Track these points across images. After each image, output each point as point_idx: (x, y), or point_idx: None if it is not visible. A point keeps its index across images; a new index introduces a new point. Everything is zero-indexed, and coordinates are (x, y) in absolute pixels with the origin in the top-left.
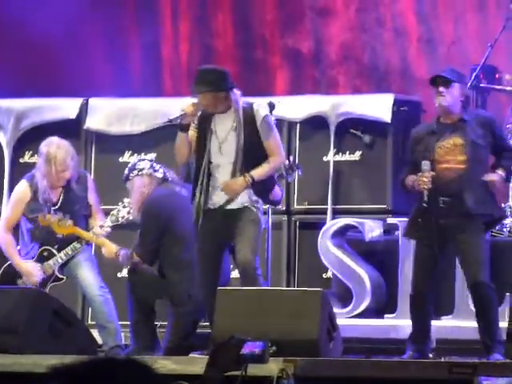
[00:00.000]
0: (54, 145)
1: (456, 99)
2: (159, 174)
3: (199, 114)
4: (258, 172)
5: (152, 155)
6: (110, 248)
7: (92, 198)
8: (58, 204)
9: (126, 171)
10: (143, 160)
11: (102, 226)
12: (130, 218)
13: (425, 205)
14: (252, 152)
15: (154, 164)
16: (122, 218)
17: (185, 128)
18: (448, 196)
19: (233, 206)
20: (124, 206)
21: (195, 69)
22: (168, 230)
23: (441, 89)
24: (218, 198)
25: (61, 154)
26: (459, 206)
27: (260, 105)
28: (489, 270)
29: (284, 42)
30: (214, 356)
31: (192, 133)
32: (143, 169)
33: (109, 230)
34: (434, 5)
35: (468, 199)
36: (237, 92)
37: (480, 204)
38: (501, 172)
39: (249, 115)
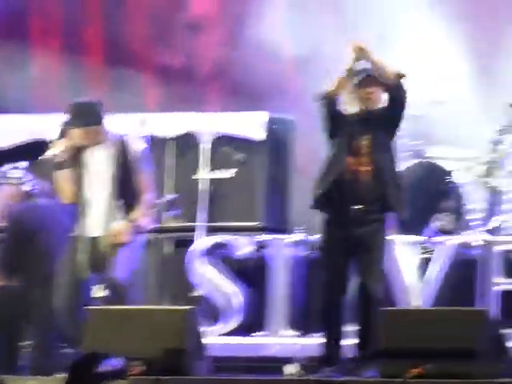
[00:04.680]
0: None
1: None
2: (27, 187)
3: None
4: (136, 217)
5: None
6: None
7: None
8: None
9: None
10: (16, 168)
11: None
12: None
13: None
14: (124, 185)
15: (26, 175)
16: None
17: (61, 165)
18: None
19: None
20: None
21: (64, 85)
22: (30, 245)
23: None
24: (92, 227)
25: None
26: None
27: (134, 138)
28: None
29: (155, 58)
30: (73, 373)
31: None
32: (14, 178)
33: None
34: (306, 22)
35: None
36: (109, 123)
37: None
38: None
39: (122, 148)
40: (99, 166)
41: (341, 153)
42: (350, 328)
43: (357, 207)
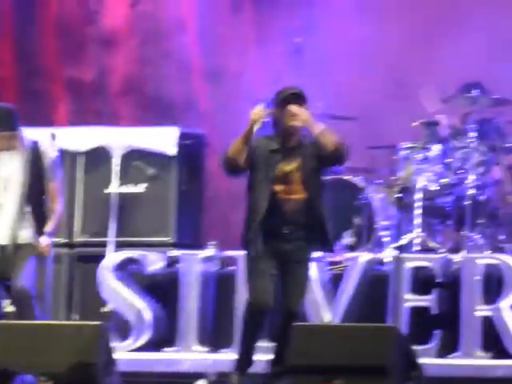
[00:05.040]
0: None
1: None
2: None
3: None
4: (51, 228)
5: None
6: None
7: None
8: None
9: None
10: None
11: None
12: None
13: None
14: (36, 192)
15: None
16: None
17: None
18: None
19: (18, 241)
20: None
21: None
22: None
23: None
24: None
25: None
26: None
27: (47, 144)
28: None
29: (66, 72)
30: None
31: None
32: None
33: None
34: (217, 38)
35: None
36: (23, 129)
37: None
38: None
39: (35, 155)
40: (11, 172)
41: (267, 184)
42: (267, 344)
43: (286, 229)
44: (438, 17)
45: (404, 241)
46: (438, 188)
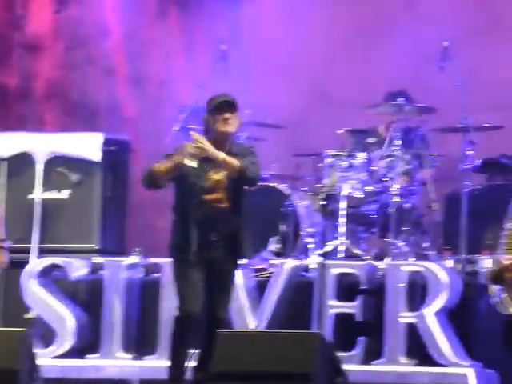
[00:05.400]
0: None
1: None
2: None
3: None
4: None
5: None
6: None
7: None
8: None
9: None
10: None
11: None
12: None
13: None
14: None
15: None
16: None
17: None
18: None
19: None
20: None
21: None
22: None
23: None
24: None
25: None
26: None
27: None
28: None
29: None
30: None
31: None
32: None
33: None
34: (142, 44)
35: None
36: None
37: None
38: None
39: None
40: None
41: (197, 192)
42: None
43: (214, 236)
44: (363, 27)
45: (329, 248)
46: (363, 195)
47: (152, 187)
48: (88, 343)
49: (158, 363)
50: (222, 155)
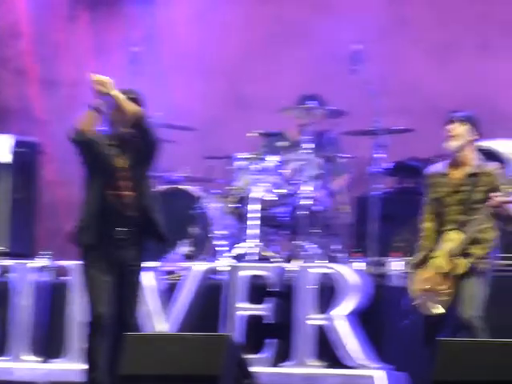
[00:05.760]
0: None
1: None
2: None
3: None
4: None
5: None
6: None
7: None
8: None
9: None
10: None
11: None
12: None
13: None
14: None
15: None
16: None
17: None
18: None
19: None
20: None
21: None
22: None
23: None
24: None
25: None
26: None
27: None
28: None
29: None
30: None
31: None
32: None
33: None
34: (55, 46)
35: None
36: None
37: None
38: None
39: None
40: None
41: (101, 179)
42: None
43: (119, 230)
44: (277, 30)
45: (239, 250)
46: (274, 198)
47: (80, 141)
48: None
49: (67, 366)
50: (121, 95)
